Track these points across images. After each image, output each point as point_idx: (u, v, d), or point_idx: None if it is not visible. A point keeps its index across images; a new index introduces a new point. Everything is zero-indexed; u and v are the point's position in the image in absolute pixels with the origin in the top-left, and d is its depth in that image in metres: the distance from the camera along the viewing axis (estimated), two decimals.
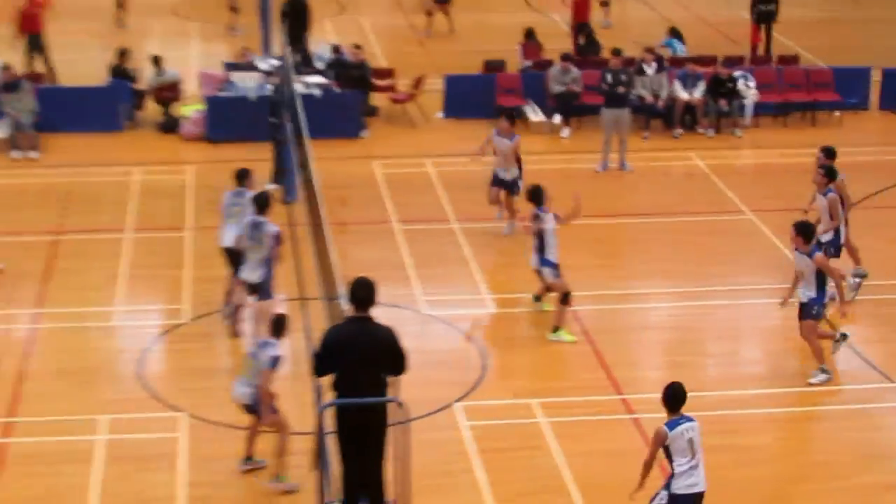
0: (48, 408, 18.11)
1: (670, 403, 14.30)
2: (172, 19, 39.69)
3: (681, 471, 14.12)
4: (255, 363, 15.96)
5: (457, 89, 30.63)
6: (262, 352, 15.91)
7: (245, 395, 16.05)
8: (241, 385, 16.10)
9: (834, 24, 39.21)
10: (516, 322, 21.01)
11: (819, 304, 18.41)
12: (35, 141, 28.15)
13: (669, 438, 14.10)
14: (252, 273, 19.33)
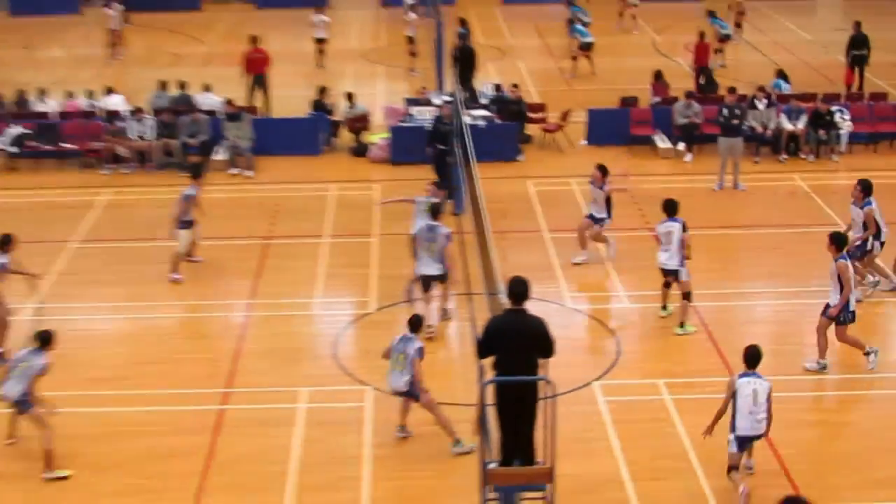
0: (258, 380, 18.38)
1: (747, 361, 15.16)
2: (363, 62, 39.99)
3: (742, 415, 14.82)
4: (404, 356, 16.13)
5: (597, 121, 30.47)
6: (408, 346, 16.16)
7: (404, 384, 16.20)
8: (397, 376, 16.25)
9: None
10: (645, 315, 20.84)
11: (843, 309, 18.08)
12: (251, 162, 28.49)
13: (737, 386, 14.88)
14: (428, 267, 19.49)
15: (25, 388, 15.81)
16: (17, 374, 15.87)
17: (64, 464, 16.05)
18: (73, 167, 28.96)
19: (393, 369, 16.31)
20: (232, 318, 20.84)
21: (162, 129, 28.73)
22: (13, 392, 15.84)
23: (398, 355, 16.25)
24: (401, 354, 16.21)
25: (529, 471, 12.65)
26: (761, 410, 14.90)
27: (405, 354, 16.15)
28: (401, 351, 16.23)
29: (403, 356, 16.16)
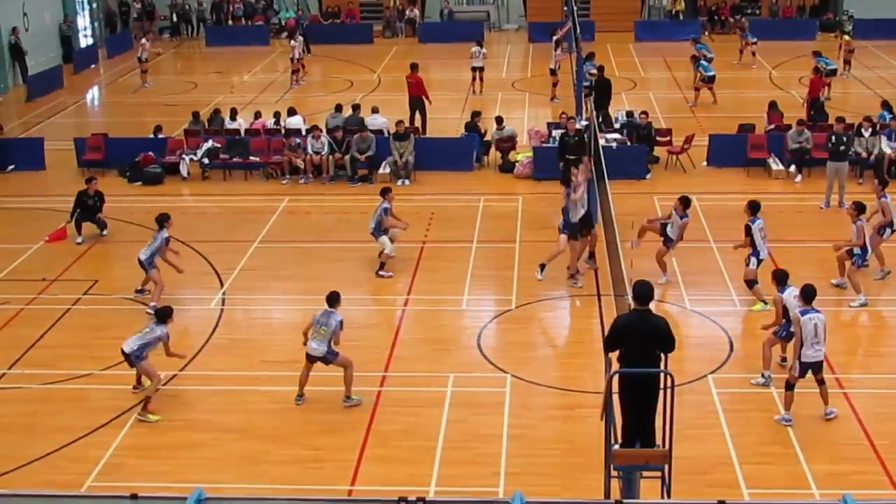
0: (411, 366, 18.47)
1: (806, 299, 16.37)
2: (511, 91, 39.98)
3: (807, 345, 15.99)
4: (326, 328, 16.94)
5: (717, 145, 30.00)
6: (330, 318, 16.98)
7: (321, 351, 16.99)
8: (317, 344, 17.00)
9: None
10: (755, 317, 20.45)
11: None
12: (411, 174, 28.70)
13: (802, 322, 16.00)
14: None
15: (139, 346, 16.95)
16: (138, 334, 17.14)
17: (240, 435, 16.37)
18: (257, 178, 29.43)
19: (314, 338, 17.01)
20: (391, 312, 20.97)
21: (335, 146, 29.05)
22: (128, 346, 16.97)
23: (320, 327, 16.95)
24: (322, 326, 16.93)
25: (648, 452, 12.53)
26: (820, 340, 16.11)
27: (327, 326, 16.91)
28: (323, 323, 16.94)
29: (325, 328, 16.91)
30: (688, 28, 50.01)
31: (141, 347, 16.94)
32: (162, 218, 21.31)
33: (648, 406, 12.52)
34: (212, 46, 50.95)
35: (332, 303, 17.25)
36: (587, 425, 15.82)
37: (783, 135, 29.25)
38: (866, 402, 17.07)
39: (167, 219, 21.34)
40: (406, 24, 52.68)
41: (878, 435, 16.05)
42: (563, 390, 17.60)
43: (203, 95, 39.40)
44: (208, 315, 20.77)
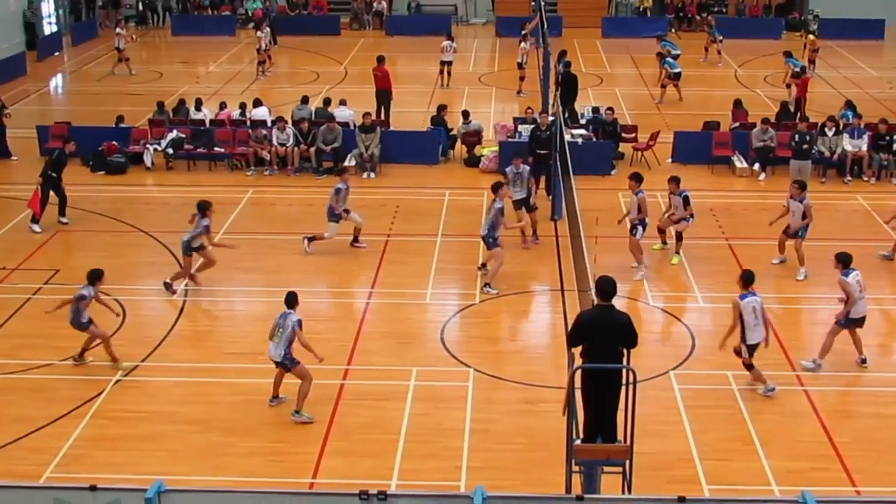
0: (375, 359, 18.44)
1: (744, 283, 17.02)
2: (478, 85, 39.97)
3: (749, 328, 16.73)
4: (283, 330, 16.34)
5: (683, 142, 30.12)
6: (287, 320, 16.35)
7: (279, 355, 16.41)
8: (274, 347, 16.46)
9: None
10: (718, 314, 20.57)
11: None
12: (377, 167, 28.66)
13: (741, 306, 16.70)
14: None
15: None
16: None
17: (202, 427, 16.32)
18: (221, 168, 29.30)
19: (273, 341, 16.51)
20: (354, 305, 20.93)
21: (301, 138, 28.96)
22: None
23: (278, 329, 16.42)
24: (280, 329, 16.39)
25: (610, 448, 12.54)
26: (760, 321, 16.90)
27: (284, 328, 16.33)
28: (280, 325, 16.41)
29: (282, 329, 16.34)
30: (655, 25, 50.19)
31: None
32: (204, 206, 21.19)
33: (610, 402, 12.54)
34: (178, 36, 50.67)
35: (290, 304, 16.66)
36: (549, 420, 15.83)
37: (748, 133, 29.37)
38: (827, 400, 17.20)
39: (209, 206, 21.21)
40: (374, 16, 52.60)
41: (838, 433, 16.17)
42: (525, 385, 17.62)
43: (168, 85, 39.17)
44: (171, 306, 20.67)
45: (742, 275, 17.37)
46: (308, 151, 28.89)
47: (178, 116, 31.43)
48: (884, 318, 20.68)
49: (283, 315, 16.51)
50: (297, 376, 16.51)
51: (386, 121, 32.41)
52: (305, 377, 16.49)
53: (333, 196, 22.74)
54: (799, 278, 21.83)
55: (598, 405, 12.58)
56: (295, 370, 16.50)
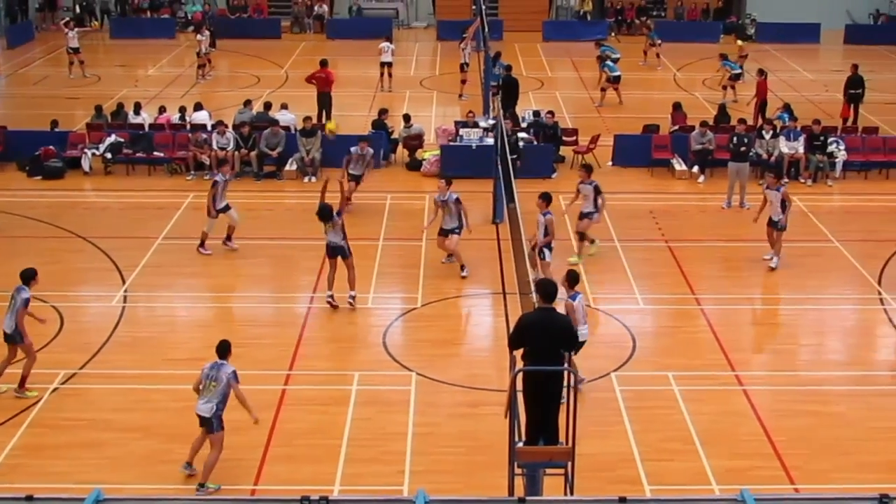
0: (316, 364, 18.39)
1: (570, 283, 16.74)
2: (420, 89, 39.98)
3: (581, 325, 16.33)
4: (216, 384, 14.66)
5: (623, 145, 30.31)
6: (220, 372, 14.72)
7: (206, 410, 14.70)
8: (204, 402, 14.71)
9: None
10: (658, 315, 20.76)
11: None
12: (318, 171, 28.61)
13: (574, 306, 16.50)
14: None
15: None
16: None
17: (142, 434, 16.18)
18: (161, 173, 29.08)
19: (203, 395, 14.75)
20: (295, 309, 20.84)
21: (242, 142, 28.82)
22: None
23: (209, 382, 14.70)
24: (212, 381, 14.68)
25: (552, 450, 12.58)
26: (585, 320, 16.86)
27: (217, 381, 14.65)
28: (213, 378, 14.70)
29: (215, 383, 14.65)
30: (595, 28, 50.45)
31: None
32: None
33: (552, 404, 12.58)
34: (116, 39, 50.24)
35: (223, 353, 14.86)
36: (492, 423, 15.83)
37: (687, 136, 29.61)
38: (765, 399, 17.36)
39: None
40: (314, 19, 52.44)
41: (777, 431, 16.34)
42: (468, 388, 17.63)
43: (107, 89, 38.80)
44: (110, 312, 20.46)
45: (567, 275, 17.00)
46: (249, 155, 28.75)
47: (117, 120, 31.14)
48: (819, 318, 20.93)
49: (216, 366, 14.79)
50: (211, 443, 14.80)
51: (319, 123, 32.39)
52: (216, 446, 14.76)
53: (211, 189, 22.97)
54: (771, 265, 22.34)
55: (540, 407, 12.61)
56: (214, 436, 14.74)
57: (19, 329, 17.04)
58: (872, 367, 18.92)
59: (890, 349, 19.62)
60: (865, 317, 20.99)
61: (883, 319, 20.63)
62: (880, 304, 21.16)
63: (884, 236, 24.36)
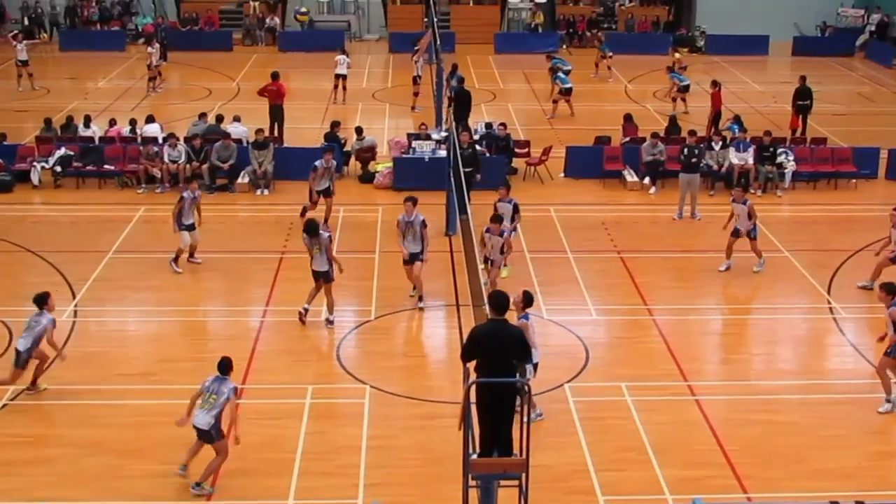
0: (270, 377, 18.26)
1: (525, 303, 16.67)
2: (372, 101, 39.95)
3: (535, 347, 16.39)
4: (216, 398, 14.93)
5: (575, 157, 30.42)
6: (222, 386, 15.01)
7: (205, 423, 14.91)
8: (203, 414, 14.92)
9: (853, 115, 38.41)
10: (611, 326, 20.85)
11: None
12: (270, 184, 28.53)
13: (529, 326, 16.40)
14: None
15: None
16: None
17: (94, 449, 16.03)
18: (112, 186, 28.87)
19: (201, 407, 14.98)
20: (249, 322, 20.74)
21: (193, 155, 28.68)
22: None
23: (209, 395, 14.97)
24: (213, 395, 14.95)
25: (507, 461, 12.57)
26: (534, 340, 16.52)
27: (218, 395, 14.92)
28: (213, 391, 14.98)
29: (216, 396, 14.92)
30: (547, 41, 50.66)
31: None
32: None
33: (505, 415, 12.58)
34: (66, 51, 49.82)
35: (225, 370, 15.16)
36: (446, 435, 15.84)
37: (638, 147, 29.78)
38: (717, 409, 17.47)
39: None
40: (266, 32, 52.28)
41: (729, 440, 16.45)
42: (422, 400, 17.62)
43: (56, 101, 38.44)
44: (60, 327, 20.11)
45: (524, 295, 16.88)
46: (200, 168, 28.62)
47: (67, 133, 30.89)
48: (770, 327, 21.09)
49: (218, 380, 15.08)
50: (217, 450, 15.09)
51: (279, 137, 32.24)
52: (222, 453, 15.06)
53: (177, 204, 22.81)
54: (755, 269, 22.79)
55: (494, 419, 12.61)
56: (218, 444, 15.03)
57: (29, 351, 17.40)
58: (823, 375, 19.09)
59: (839, 358, 19.78)
60: (815, 326, 21.19)
61: (832, 328, 20.83)
62: (829, 313, 21.38)
63: (832, 246, 24.60)
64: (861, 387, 18.34)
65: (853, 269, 23.42)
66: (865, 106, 40.52)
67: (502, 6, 54.46)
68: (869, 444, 16.51)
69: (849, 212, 27.71)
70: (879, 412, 17.33)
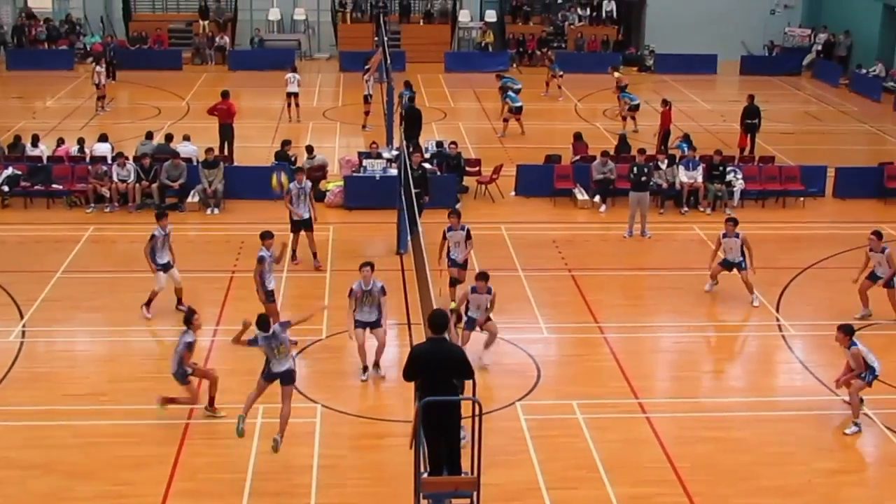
0: (221, 397, 18.01)
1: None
2: (323, 120, 39.94)
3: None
4: (284, 346, 16.43)
5: (525, 175, 30.55)
6: (282, 335, 16.40)
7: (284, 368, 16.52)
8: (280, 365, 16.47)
9: (801, 134, 38.87)
10: (562, 343, 20.93)
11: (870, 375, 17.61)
12: (220, 203, 28.45)
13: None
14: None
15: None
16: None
17: (42, 471, 15.87)
18: (60, 206, 28.66)
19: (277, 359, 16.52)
20: (199, 342, 20.52)
21: (142, 174, 28.53)
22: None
23: (278, 346, 16.44)
24: (280, 345, 16.43)
25: (458, 480, 12.63)
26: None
27: (283, 342, 16.46)
28: (278, 343, 16.42)
29: (283, 346, 16.45)
30: (497, 60, 50.91)
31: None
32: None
33: (454, 434, 12.62)
34: (13, 70, 49.41)
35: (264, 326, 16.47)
36: (397, 454, 15.84)
37: (588, 165, 29.95)
38: (668, 426, 17.57)
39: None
40: (216, 51, 52.17)
41: (679, 457, 16.55)
42: (373, 419, 17.62)
43: (3, 121, 38.07)
44: (7, 348, 20.06)
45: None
46: (150, 187, 28.48)
47: (14, 153, 30.63)
48: (720, 345, 21.27)
49: (272, 335, 16.39)
50: (286, 396, 16.49)
51: (230, 156, 32.14)
52: (289, 399, 16.50)
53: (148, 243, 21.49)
54: (755, 304, 22.53)
55: (441, 438, 12.64)
56: (290, 388, 16.58)
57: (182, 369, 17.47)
58: (772, 392, 19.22)
59: (788, 375, 19.96)
60: (764, 343, 21.38)
61: (781, 346, 21.03)
62: (778, 330, 21.58)
63: (781, 264, 24.85)
64: (810, 403, 18.54)
65: (801, 287, 23.71)
66: (813, 124, 41.03)
67: (452, 25, 54.69)
68: (817, 461, 16.64)
69: (797, 230, 28.03)
70: (846, 434, 17.46)
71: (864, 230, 23.36)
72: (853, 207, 29.92)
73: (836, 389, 18.25)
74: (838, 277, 24.05)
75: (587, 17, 55.60)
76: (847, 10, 52.51)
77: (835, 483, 16.13)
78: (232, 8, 54.67)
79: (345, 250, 25.29)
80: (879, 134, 39.75)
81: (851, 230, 27.29)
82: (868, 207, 29.87)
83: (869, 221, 28.07)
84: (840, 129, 40.25)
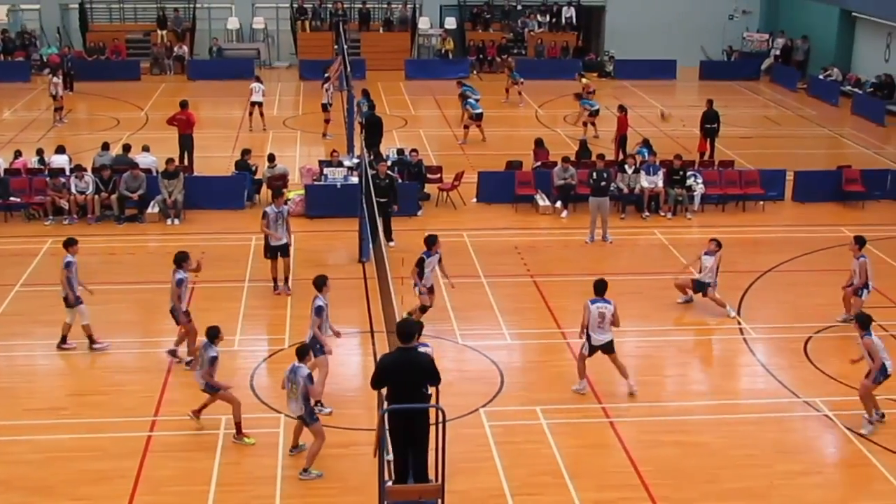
0: (183, 409, 18.00)
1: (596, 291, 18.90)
2: (283, 128, 39.81)
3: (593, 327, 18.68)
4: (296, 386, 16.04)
5: (486, 182, 30.61)
6: (297, 375, 16.01)
7: (296, 410, 16.23)
8: (294, 403, 16.19)
9: (760, 139, 39.13)
10: (525, 350, 20.98)
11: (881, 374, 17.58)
12: (181, 213, 28.34)
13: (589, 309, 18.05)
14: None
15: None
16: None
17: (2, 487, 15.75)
18: (18, 219, 28.46)
19: (289, 397, 16.29)
20: (160, 354, 20.49)
21: (102, 185, 28.38)
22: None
23: (291, 385, 16.14)
24: (293, 385, 16.08)
25: (422, 488, 12.63)
26: (606, 326, 18.63)
27: (296, 384, 16.02)
28: (292, 381, 16.11)
29: (295, 385, 16.04)
30: (457, 67, 50.94)
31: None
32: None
33: (419, 442, 12.63)
34: None
35: (301, 356, 16.32)
36: (361, 463, 15.83)
37: (549, 171, 30.05)
38: (631, 430, 17.64)
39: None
40: (175, 60, 51.92)
41: (643, 461, 16.62)
42: (337, 428, 17.54)
43: None
44: None
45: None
46: (109, 199, 28.32)
47: None
48: (682, 349, 21.37)
49: (293, 369, 16.16)
50: (314, 433, 16.17)
51: (190, 166, 32.02)
52: (319, 436, 16.16)
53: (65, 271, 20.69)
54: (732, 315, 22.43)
55: (407, 446, 12.65)
56: (313, 428, 16.16)
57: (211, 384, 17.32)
58: (734, 395, 19.34)
59: (750, 378, 20.08)
60: (726, 346, 21.51)
61: (743, 349, 21.15)
62: (740, 333, 21.71)
63: (742, 267, 25.00)
64: (772, 406, 18.67)
65: (762, 290, 23.87)
66: (771, 129, 41.31)
67: (412, 33, 54.70)
68: (780, 464, 16.75)
69: (757, 233, 28.22)
70: (862, 434, 17.54)
71: (824, 233, 23.62)
72: (812, 211, 30.17)
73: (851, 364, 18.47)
74: (798, 280, 24.29)
75: (547, 23, 55.72)
76: (804, 15, 52.97)
77: (798, 485, 16.24)
78: (190, 17, 54.43)
79: (306, 259, 25.23)
80: (837, 138, 40.11)
81: (811, 233, 27.54)
82: (827, 211, 30.11)
83: (828, 224, 28.38)
84: (798, 133, 40.58)
